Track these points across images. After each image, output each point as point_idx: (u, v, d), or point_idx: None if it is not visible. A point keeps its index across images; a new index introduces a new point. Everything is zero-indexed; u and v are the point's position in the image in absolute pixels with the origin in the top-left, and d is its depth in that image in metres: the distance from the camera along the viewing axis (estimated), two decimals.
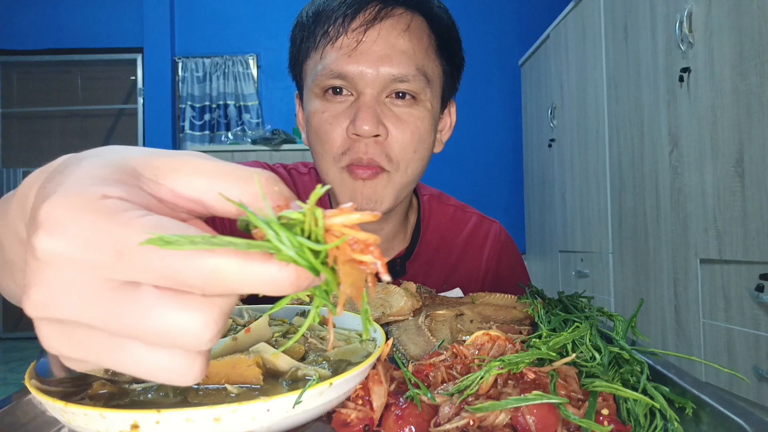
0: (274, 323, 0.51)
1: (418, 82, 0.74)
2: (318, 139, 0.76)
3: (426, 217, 0.94)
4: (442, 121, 0.85)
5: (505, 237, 0.99)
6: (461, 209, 0.99)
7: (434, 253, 0.92)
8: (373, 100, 0.73)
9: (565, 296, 0.61)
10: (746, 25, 1.64)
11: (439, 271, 0.92)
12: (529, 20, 4.61)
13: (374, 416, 0.38)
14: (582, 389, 0.40)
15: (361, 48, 0.72)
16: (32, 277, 0.23)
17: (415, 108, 0.75)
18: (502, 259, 0.96)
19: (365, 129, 0.70)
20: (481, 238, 0.96)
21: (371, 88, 0.73)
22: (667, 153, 2.11)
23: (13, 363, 4.04)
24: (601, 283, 2.76)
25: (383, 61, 0.72)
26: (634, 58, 2.36)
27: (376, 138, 0.73)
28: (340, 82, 0.73)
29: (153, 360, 0.23)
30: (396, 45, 0.73)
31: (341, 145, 0.74)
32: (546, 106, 3.57)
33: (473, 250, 0.95)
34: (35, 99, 4.89)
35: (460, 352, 0.45)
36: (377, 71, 0.72)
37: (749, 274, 1.66)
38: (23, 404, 0.42)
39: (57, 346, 0.24)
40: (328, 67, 0.73)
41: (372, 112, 0.71)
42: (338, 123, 0.74)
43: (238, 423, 0.33)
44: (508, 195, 4.60)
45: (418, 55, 0.74)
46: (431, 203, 0.96)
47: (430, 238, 0.93)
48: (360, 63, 0.72)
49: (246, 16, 4.80)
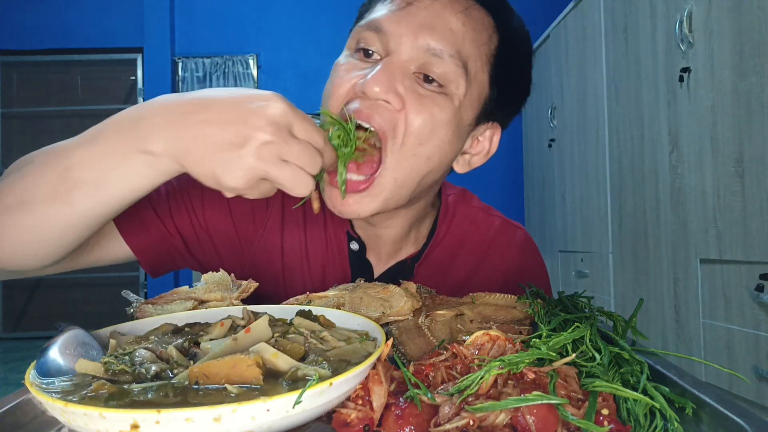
0: (274, 323, 0.51)
1: (452, 65, 0.66)
2: (326, 88, 0.69)
3: (446, 218, 0.87)
4: (478, 145, 0.77)
5: (530, 245, 0.91)
6: (484, 211, 0.91)
7: (451, 258, 0.86)
8: (398, 65, 0.65)
9: (565, 296, 0.61)
10: (746, 25, 1.64)
11: (454, 277, 0.85)
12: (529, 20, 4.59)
13: (374, 416, 0.38)
14: (582, 389, 0.40)
15: (410, 9, 0.66)
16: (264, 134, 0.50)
17: (440, 96, 0.67)
18: (523, 270, 0.88)
19: (374, 90, 0.63)
20: (502, 245, 0.88)
21: (402, 55, 0.65)
22: (667, 153, 2.11)
23: (13, 363, 4.04)
24: (601, 283, 2.76)
25: (425, 30, 0.65)
26: (634, 58, 2.36)
27: (385, 104, 0.64)
28: (374, 36, 0.66)
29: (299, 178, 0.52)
30: (447, 20, 0.66)
31: (343, 101, 0.67)
32: (546, 106, 3.57)
33: (492, 257, 0.87)
34: (35, 99, 4.89)
35: (460, 352, 0.45)
36: (415, 37, 0.65)
37: (749, 274, 1.66)
38: (23, 404, 0.42)
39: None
40: (372, 18, 0.68)
41: (389, 75, 0.64)
42: (349, 78, 0.67)
43: (238, 423, 0.33)
44: (508, 195, 4.59)
45: (467, 44, 0.67)
46: (455, 204, 0.89)
47: (448, 242, 0.86)
48: (402, 23, 0.66)
49: (246, 16, 4.80)
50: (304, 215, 0.84)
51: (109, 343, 0.48)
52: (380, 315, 0.59)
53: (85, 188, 0.52)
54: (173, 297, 0.65)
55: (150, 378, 0.40)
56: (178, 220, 0.78)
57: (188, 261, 0.82)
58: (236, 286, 0.67)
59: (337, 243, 0.83)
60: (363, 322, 0.53)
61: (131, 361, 0.42)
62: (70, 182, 0.52)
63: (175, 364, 0.42)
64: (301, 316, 0.53)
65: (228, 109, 0.51)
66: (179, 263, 0.82)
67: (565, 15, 3.19)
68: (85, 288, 4.81)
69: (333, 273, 0.83)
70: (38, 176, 0.53)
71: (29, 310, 4.86)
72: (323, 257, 0.83)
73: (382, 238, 0.82)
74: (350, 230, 0.82)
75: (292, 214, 0.83)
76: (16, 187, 0.54)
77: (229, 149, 0.49)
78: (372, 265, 0.83)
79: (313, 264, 0.83)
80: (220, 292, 0.65)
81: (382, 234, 0.81)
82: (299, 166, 0.51)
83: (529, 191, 4.13)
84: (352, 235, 0.82)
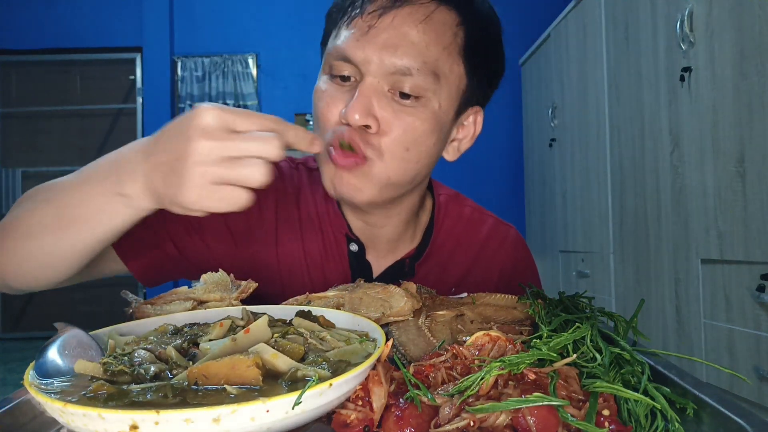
0: (274, 324, 0.51)
1: (423, 77, 0.69)
2: (315, 115, 0.75)
3: (440, 217, 0.90)
4: (464, 130, 0.80)
5: (521, 244, 0.96)
6: (478, 211, 0.95)
7: (448, 256, 0.89)
8: (372, 89, 0.69)
9: (565, 296, 0.61)
10: (747, 24, 1.64)
11: (452, 275, 0.88)
12: (529, 19, 4.60)
13: (374, 417, 0.38)
14: (583, 390, 0.39)
15: (371, 33, 0.69)
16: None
17: (418, 107, 0.71)
18: (517, 269, 0.93)
19: (354, 118, 0.68)
20: (496, 243, 0.92)
21: (372, 77, 0.69)
22: (668, 152, 2.10)
23: (13, 363, 4.04)
24: (601, 284, 2.76)
25: (389, 50, 0.69)
26: (635, 57, 2.36)
27: (365, 128, 0.70)
28: (346, 66, 0.71)
29: (252, 167, 0.52)
30: (407, 35, 0.69)
31: (334, 126, 0.72)
32: (547, 106, 3.57)
33: (488, 255, 0.91)
34: (34, 98, 4.89)
35: (461, 352, 0.45)
36: (381, 60, 0.69)
37: (750, 274, 1.66)
38: (23, 404, 0.42)
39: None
40: (337, 46, 0.72)
41: (365, 101, 0.69)
42: (335, 105, 0.72)
43: (237, 423, 0.33)
44: (508, 195, 4.60)
45: (432, 50, 0.70)
46: (448, 204, 0.92)
47: (444, 240, 0.89)
48: (366, 49, 0.69)
49: (246, 16, 4.79)
50: (300, 221, 0.85)
51: (108, 344, 0.48)
52: (380, 315, 0.59)
53: (78, 224, 0.60)
54: (172, 297, 0.65)
55: (149, 378, 0.40)
56: (171, 227, 0.80)
57: (182, 267, 0.83)
58: (235, 287, 0.67)
59: (336, 245, 0.84)
60: (363, 323, 0.53)
61: (130, 362, 0.42)
62: (66, 219, 0.60)
63: (174, 365, 0.42)
64: (301, 316, 0.52)
65: (168, 137, 0.55)
66: (173, 272, 0.83)
67: (566, 14, 3.18)
68: (84, 288, 4.80)
69: (333, 275, 0.84)
70: (41, 211, 0.63)
71: (28, 311, 4.86)
72: (322, 260, 0.84)
73: (380, 237, 0.84)
74: (348, 232, 0.84)
75: (287, 222, 0.85)
76: (23, 220, 0.64)
77: (178, 170, 0.52)
78: (371, 265, 0.85)
79: (312, 267, 0.84)
80: (220, 292, 0.65)
81: (379, 233, 0.84)
82: (254, 156, 0.52)
83: (529, 191, 4.13)
84: (351, 237, 0.84)
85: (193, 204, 0.53)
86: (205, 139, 0.51)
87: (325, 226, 0.85)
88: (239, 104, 4.75)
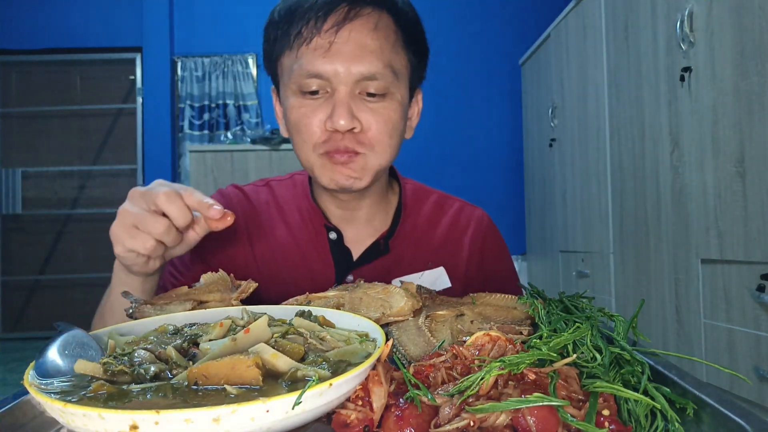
0: (273, 324, 0.51)
1: (386, 77, 0.80)
2: (297, 132, 0.83)
3: (408, 199, 0.99)
4: (411, 109, 0.92)
5: (488, 222, 1.03)
6: (444, 196, 1.04)
7: (420, 234, 0.97)
8: (347, 96, 0.79)
9: (565, 296, 0.61)
10: (747, 24, 1.64)
11: (424, 253, 0.96)
12: (529, 19, 4.60)
13: (374, 417, 0.38)
14: (583, 390, 0.39)
15: (333, 48, 0.78)
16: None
17: (387, 101, 0.82)
18: (486, 244, 1.00)
19: (341, 124, 0.78)
20: (464, 222, 1.00)
21: (344, 85, 0.79)
22: (668, 153, 2.10)
23: (13, 363, 4.04)
24: (601, 284, 2.76)
25: (354, 60, 0.78)
26: (635, 57, 2.36)
27: (352, 131, 0.80)
28: (316, 81, 0.80)
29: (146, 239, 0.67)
30: (366, 44, 0.79)
31: (320, 137, 0.81)
32: (546, 106, 3.57)
33: (456, 234, 0.99)
34: (34, 99, 4.88)
35: (461, 352, 0.45)
36: (349, 70, 0.78)
37: (750, 274, 1.66)
38: (23, 404, 0.42)
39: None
40: (304, 67, 0.80)
41: (346, 108, 0.79)
42: (316, 116, 0.81)
43: (237, 424, 0.33)
44: (508, 195, 4.59)
45: (386, 52, 0.81)
46: (414, 189, 1.02)
47: (414, 220, 0.98)
48: (334, 62, 0.78)
49: (245, 16, 4.79)
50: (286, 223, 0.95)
51: (108, 344, 0.48)
52: (380, 315, 0.59)
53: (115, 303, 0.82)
54: (172, 297, 0.65)
55: (149, 379, 0.40)
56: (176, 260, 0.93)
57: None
58: (235, 287, 0.67)
59: (317, 236, 0.93)
60: (363, 323, 0.53)
61: (130, 362, 0.42)
62: (108, 305, 0.85)
63: (174, 365, 0.42)
64: (301, 316, 0.52)
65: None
66: None
67: (566, 14, 3.18)
68: (84, 288, 4.80)
69: (317, 264, 0.92)
70: (106, 308, 0.87)
71: (28, 311, 4.85)
72: (306, 252, 0.93)
73: (357, 219, 0.94)
74: (327, 222, 0.93)
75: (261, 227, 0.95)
76: (104, 312, 0.87)
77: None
78: (350, 250, 0.94)
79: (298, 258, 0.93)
80: (219, 292, 0.65)
81: (357, 215, 0.94)
82: (145, 231, 0.67)
83: (529, 191, 4.13)
84: (329, 226, 0.93)
85: (116, 238, 0.68)
86: (130, 202, 0.69)
87: (305, 221, 0.94)
88: (239, 104, 4.75)
